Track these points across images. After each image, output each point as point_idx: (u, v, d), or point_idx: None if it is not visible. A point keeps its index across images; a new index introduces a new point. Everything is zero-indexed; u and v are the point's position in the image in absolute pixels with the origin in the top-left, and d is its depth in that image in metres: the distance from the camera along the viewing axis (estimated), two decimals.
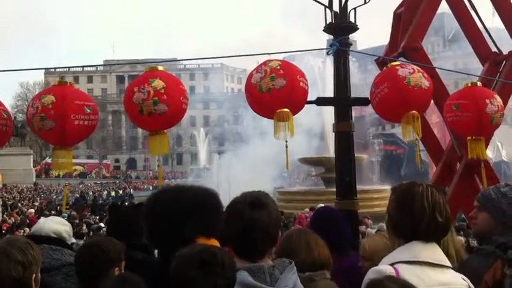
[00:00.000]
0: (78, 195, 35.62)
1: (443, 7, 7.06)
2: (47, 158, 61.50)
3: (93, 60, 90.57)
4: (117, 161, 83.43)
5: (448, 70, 5.58)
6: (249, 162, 30.66)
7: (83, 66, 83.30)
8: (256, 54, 4.66)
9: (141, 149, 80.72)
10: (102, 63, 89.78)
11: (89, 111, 3.93)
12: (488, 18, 7.68)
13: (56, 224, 3.17)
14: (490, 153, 33.62)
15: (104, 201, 32.44)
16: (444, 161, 7.04)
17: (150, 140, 4.17)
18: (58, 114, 3.85)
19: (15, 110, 68.04)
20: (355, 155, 4.82)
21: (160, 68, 4.20)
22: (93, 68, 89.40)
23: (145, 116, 3.92)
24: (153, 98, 3.89)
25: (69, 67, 68.07)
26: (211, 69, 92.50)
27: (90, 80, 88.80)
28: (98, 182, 59.14)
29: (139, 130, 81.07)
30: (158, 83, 3.95)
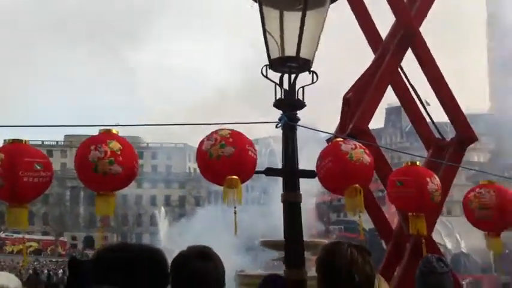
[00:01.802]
0: (31, 272, 34.17)
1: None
2: (1, 232, 59.45)
3: (53, 134, 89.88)
4: (74, 238, 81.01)
5: (393, 150, 5.91)
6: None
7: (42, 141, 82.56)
8: (209, 123, 4.87)
9: (99, 227, 78.75)
10: (62, 137, 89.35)
11: (39, 167, 3.99)
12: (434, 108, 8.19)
13: (3, 279, 3.07)
14: (449, 244, 34.06)
15: (58, 280, 31.12)
16: (393, 242, 7.25)
17: (97, 200, 4.23)
18: (7, 172, 3.91)
19: None
20: (316, 240, 4.94)
21: (114, 131, 4.34)
22: (53, 142, 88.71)
23: (99, 174, 4.01)
24: (110, 158, 4.02)
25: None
26: (174, 149, 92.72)
27: (49, 153, 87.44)
28: (54, 260, 57.02)
29: None
30: (115, 145, 4.09)
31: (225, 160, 4.34)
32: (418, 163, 5.34)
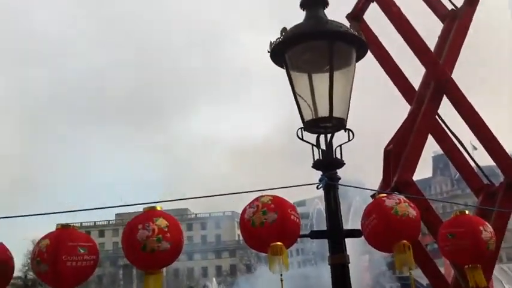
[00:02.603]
0: None
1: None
2: None
3: (104, 214, 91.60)
4: None
5: (440, 200, 5.74)
6: None
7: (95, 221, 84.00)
8: (251, 191, 4.87)
9: None
10: (113, 216, 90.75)
11: (82, 251, 4.03)
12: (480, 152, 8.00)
13: None
14: None
15: None
16: None
17: (146, 280, 4.22)
18: (50, 257, 3.97)
19: (26, 268, 67.42)
20: None
21: (159, 207, 4.38)
22: (105, 222, 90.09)
23: (147, 253, 4.01)
24: (157, 236, 4.03)
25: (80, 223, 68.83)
26: (222, 217, 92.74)
27: (101, 234, 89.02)
28: None
29: None
30: (162, 222, 4.11)
31: (268, 227, 4.29)
32: (467, 212, 5.16)
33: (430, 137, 7.43)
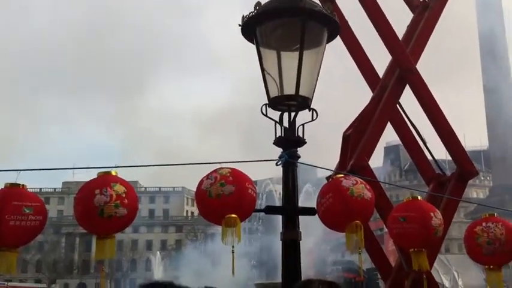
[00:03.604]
0: None
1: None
2: None
3: (51, 181, 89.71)
4: (66, 285, 79.61)
5: (393, 185, 5.86)
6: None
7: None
8: (209, 163, 4.83)
9: (92, 273, 77.63)
10: (60, 185, 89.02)
11: (27, 211, 3.92)
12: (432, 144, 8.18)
13: None
14: (446, 282, 33.73)
15: None
16: (392, 279, 7.13)
17: (98, 244, 4.17)
18: None
19: None
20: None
21: (114, 173, 4.30)
22: (51, 189, 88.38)
23: (104, 218, 3.97)
24: (115, 202, 3.99)
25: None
26: (172, 192, 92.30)
27: (47, 201, 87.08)
28: None
29: (93, 253, 78.70)
30: (119, 188, 4.07)
31: (224, 199, 4.29)
32: (420, 198, 5.29)
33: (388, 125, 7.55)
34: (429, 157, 7.75)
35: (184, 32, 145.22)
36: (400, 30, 7.91)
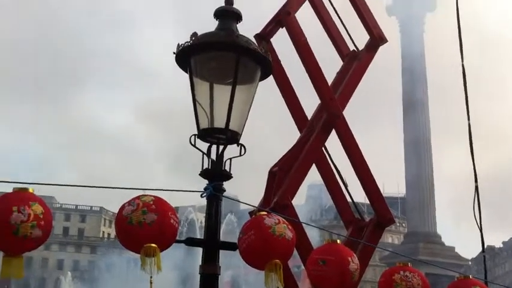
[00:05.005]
0: None
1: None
2: None
3: None
4: None
5: (313, 226, 5.98)
6: None
7: None
8: (135, 188, 4.77)
9: None
10: None
11: None
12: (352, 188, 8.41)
13: None
14: None
15: None
16: None
17: (4, 262, 3.99)
18: None
19: None
20: None
21: (31, 190, 4.16)
22: None
23: (19, 237, 3.83)
24: (32, 222, 3.87)
25: None
26: (89, 212, 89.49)
27: None
28: None
29: None
30: (38, 208, 3.95)
31: (146, 227, 4.22)
32: (338, 241, 5.42)
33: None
34: (349, 200, 7.98)
35: (115, 45, 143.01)
36: (330, 75, 8.19)
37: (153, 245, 4.26)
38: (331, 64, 8.52)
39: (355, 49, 8.41)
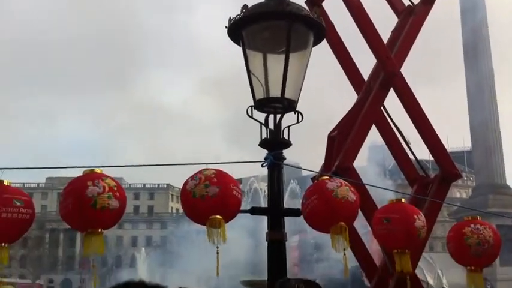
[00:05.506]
0: None
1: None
2: None
3: (34, 176, 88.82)
4: (51, 281, 79.20)
5: (377, 187, 5.93)
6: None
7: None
8: (195, 163, 4.87)
9: (77, 269, 77.30)
10: (44, 180, 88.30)
11: (18, 204, 3.91)
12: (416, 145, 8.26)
13: None
14: (430, 280, 33.99)
15: None
16: (377, 279, 7.21)
17: (86, 239, 4.14)
18: None
19: None
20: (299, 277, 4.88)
21: (98, 171, 4.29)
22: (34, 184, 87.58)
23: (97, 210, 3.96)
24: (108, 193, 4.00)
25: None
26: (157, 189, 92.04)
27: (30, 196, 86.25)
28: None
29: (77, 249, 79.27)
30: (110, 181, 4.09)
31: (208, 200, 4.33)
32: (403, 200, 5.37)
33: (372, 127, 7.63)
34: (413, 158, 7.84)
35: (171, 28, 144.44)
36: (385, 34, 7.98)
37: (218, 216, 4.37)
38: (385, 23, 8.30)
39: (410, 3, 8.16)
